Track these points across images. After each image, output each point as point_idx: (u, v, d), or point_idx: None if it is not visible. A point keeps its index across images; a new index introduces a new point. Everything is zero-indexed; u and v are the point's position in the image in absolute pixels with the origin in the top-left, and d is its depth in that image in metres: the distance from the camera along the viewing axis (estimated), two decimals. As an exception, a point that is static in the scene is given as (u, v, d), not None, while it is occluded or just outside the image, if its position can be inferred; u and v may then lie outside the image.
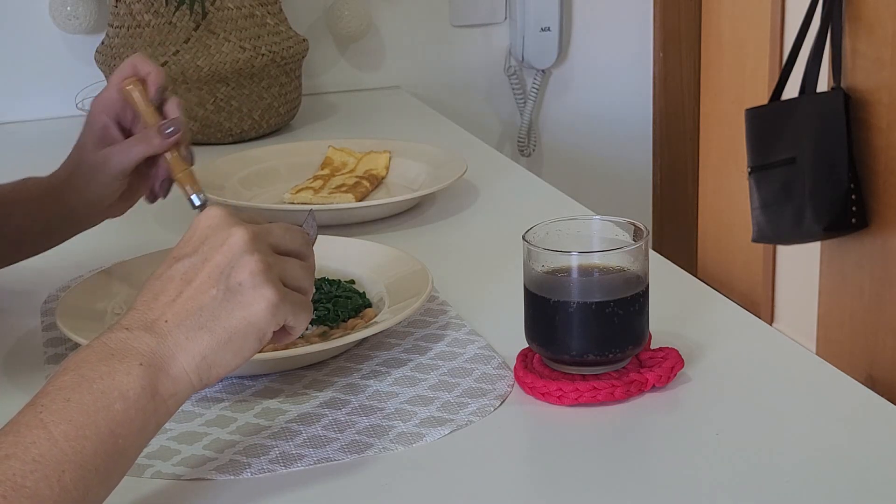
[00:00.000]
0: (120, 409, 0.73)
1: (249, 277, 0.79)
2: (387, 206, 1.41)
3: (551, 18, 2.23)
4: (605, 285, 0.95)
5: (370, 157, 1.53)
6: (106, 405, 0.73)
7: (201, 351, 0.77)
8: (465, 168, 1.48)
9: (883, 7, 1.90)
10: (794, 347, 1.06)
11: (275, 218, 1.37)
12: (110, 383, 0.73)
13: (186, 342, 0.77)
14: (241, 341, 0.79)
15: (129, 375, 0.74)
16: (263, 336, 0.80)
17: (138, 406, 0.74)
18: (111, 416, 0.73)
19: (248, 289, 0.79)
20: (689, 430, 0.93)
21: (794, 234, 2.00)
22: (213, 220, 0.82)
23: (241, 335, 0.78)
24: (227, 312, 0.78)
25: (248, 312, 0.78)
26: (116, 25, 1.81)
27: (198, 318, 0.78)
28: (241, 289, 0.79)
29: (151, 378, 0.75)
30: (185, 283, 0.79)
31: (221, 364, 0.78)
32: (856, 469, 0.86)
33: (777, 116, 2.01)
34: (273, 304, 0.79)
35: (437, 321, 1.12)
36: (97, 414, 0.72)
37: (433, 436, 0.92)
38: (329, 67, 2.18)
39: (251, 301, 0.79)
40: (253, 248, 0.80)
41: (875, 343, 2.00)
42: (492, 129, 2.29)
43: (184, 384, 0.77)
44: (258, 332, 0.79)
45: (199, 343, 0.77)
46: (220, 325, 0.78)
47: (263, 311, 0.79)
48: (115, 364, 0.75)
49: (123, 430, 0.73)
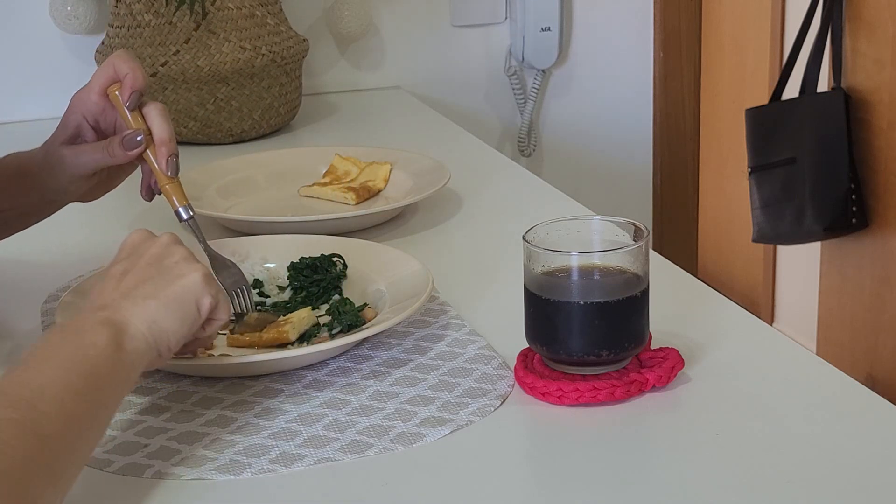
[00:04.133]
0: (93, 354, 0.83)
1: (181, 258, 0.93)
2: (368, 216, 1.40)
3: (551, 18, 2.23)
4: (605, 285, 0.95)
5: (372, 168, 1.53)
6: (83, 352, 0.83)
7: (151, 315, 0.88)
8: (449, 176, 1.46)
9: (883, 7, 1.90)
10: (794, 347, 1.06)
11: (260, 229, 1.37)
12: (81, 339, 0.84)
13: (136, 308, 0.88)
14: (182, 306, 0.90)
15: (95, 333, 0.84)
16: (200, 303, 0.91)
17: (108, 353, 0.84)
18: (89, 359, 0.82)
19: (182, 263, 0.92)
20: (689, 430, 0.93)
21: (794, 234, 2.00)
22: (140, 235, 0.96)
23: (181, 300, 0.90)
24: (167, 282, 0.90)
25: (186, 280, 0.91)
26: (116, 25, 1.81)
27: (142, 290, 0.89)
28: (176, 265, 0.92)
29: (115, 335, 0.85)
30: (125, 274, 0.92)
31: (171, 328, 0.89)
32: (856, 469, 0.86)
33: (777, 116, 2.01)
34: (205, 275, 0.92)
35: (438, 321, 1.12)
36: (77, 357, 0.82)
37: (433, 436, 0.92)
38: (329, 67, 2.18)
39: (186, 271, 0.92)
40: (179, 243, 0.95)
41: (875, 343, 2.00)
42: (492, 129, 2.29)
43: (142, 342, 0.87)
44: (196, 298, 0.91)
45: (148, 308, 0.88)
46: (163, 292, 0.90)
47: (199, 278, 0.91)
48: (80, 328, 0.85)
49: (101, 370, 0.82)
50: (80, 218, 1.34)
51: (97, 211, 1.27)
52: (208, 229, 1.40)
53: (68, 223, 1.31)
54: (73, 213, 1.20)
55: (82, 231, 1.42)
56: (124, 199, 1.28)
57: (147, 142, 1.08)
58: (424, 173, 1.50)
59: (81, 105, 1.11)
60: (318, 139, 1.86)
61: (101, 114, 1.11)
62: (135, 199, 1.17)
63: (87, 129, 1.12)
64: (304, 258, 1.19)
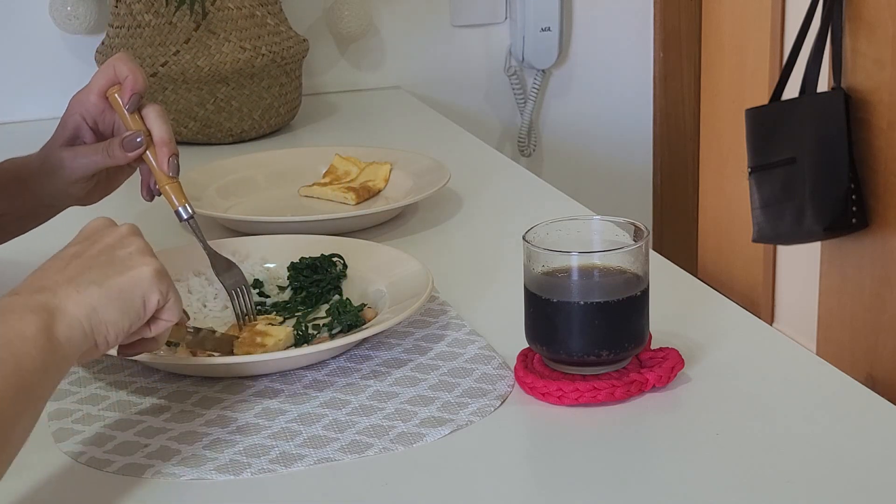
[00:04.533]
0: (20, 346, 0.78)
1: (136, 249, 0.88)
2: (368, 216, 1.40)
3: (551, 18, 2.23)
4: (605, 285, 0.95)
5: (372, 168, 1.53)
6: (7, 344, 0.77)
7: (91, 302, 0.83)
8: (449, 176, 1.46)
9: (883, 7, 1.90)
10: (794, 347, 1.06)
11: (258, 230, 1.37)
12: (7, 329, 0.78)
13: (76, 294, 0.83)
14: (127, 299, 0.85)
15: (23, 321, 0.79)
16: (147, 299, 0.87)
17: (37, 345, 0.78)
18: (13, 355, 0.77)
19: (136, 255, 0.88)
20: (689, 430, 0.93)
21: (794, 234, 2.00)
22: (101, 222, 0.92)
23: (127, 293, 0.85)
24: (115, 271, 0.86)
25: (136, 272, 0.86)
26: (116, 25, 1.81)
27: (87, 275, 0.84)
28: (129, 256, 0.87)
29: (45, 322, 0.80)
30: (75, 257, 0.87)
31: (109, 319, 0.84)
32: (856, 469, 0.86)
33: (777, 116, 2.00)
34: (157, 270, 0.87)
35: (438, 321, 1.12)
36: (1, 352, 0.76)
37: (433, 436, 0.92)
38: (329, 67, 2.18)
39: (138, 264, 0.87)
40: (140, 235, 0.90)
41: (875, 343, 2.00)
42: (492, 129, 2.29)
43: (77, 330, 0.82)
44: (143, 293, 0.86)
45: (89, 295, 0.83)
46: (108, 281, 0.85)
47: (149, 273, 0.87)
48: (7, 316, 0.79)
49: (26, 365, 0.77)
50: (79, 220, 1.34)
51: (97, 213, 1.27)
52: (208, 229, 1.40)
53: (67, 225, 1.30)
54: (72, 215, 1.20)
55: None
56: (124, 200, 1.28)
57: (147, 143, 1.08)
58: (424, 173, 1.50)
59: (80, 106, 1.11)
60: (318, 139, 1.86)
61: (100, 115, 1.11)
62: (135, 200, 1.17)
63: (86, 130, 1.12)
64: (304, 258, 1.19)
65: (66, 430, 0.95)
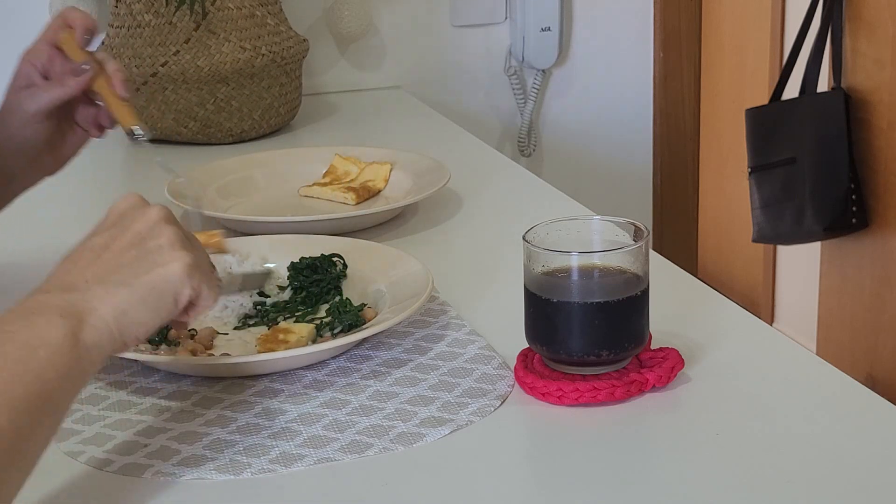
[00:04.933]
0: (44, 356, 0.75)
1: (167, 241, 0.84)
2: (368, 216, 1.40)
3: (551, 18, 2.23)
4: (605, 285, 0.95)
5: (372, 168, 1.52)
6: (30, 353, 0.75)
7: (120, 304, 0.81)
8: (449, 176, 1.46)
9: (883, 7, 1.90)
10: (794, 347, 1.06)
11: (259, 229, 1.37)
12: (32, 334, 0.76)
13: (106, 295, 0.80)
14: (157, 298, 0.83)
15: (50, 325, 0.77)
16: (178, 296, 0.84)
17: (61, 353, 0.76)
18: (37, 363, 0.75)
19: (167, 249, 0.84)
20: (689, 430, 0.93)
21: (794, 234, 2.00)
22: (130, 202, 0.87)
23: (158, 292, 0.83)
24: (144, 269, 0.82)
25: (166, 270, 0.83)
26: (116, 25, 1.81)
27: (117, 275, 0.82)
28: (160, 249, 0.84)
29: (72, 327, 0.78)
30: (104, 249, 0.83)
31: (139, 320, 0.82)
32: (856, 469, 0.86)
33: (777, 116, 2.00)
34: (189, 265, 0.84)
35: (438, 321, 1.12)
36: (23, 361, 0.74)
37: (433, 436, 0.92)
38: (329, 67, 2.18)
39: (168, 260, 0.83)
40: (171, 220, 0.86)
41: (875, 343, 2.00)
42: (492, 129, 2.29)
43: (105, 335, 0.80)
44: (174, 291, 0.83)
45: (118, 296, 0.81)
46: (139, 280, 0.82)
47: (180, 270, 0.83)
48: (35, 318, 0.77)
49: (49, 374, 0.75)
50: (75, 217, 1.34)
51: (94, 210, 1.27)
52: (208, 229, 1.39)
53: (64, 222, 1.31)
54: (69, 211, 1.20)
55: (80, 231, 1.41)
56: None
57: (96, 70, 1.12)
58: (424, 173, 1.50)
59: (31, 55, 1.15)
60: (318, 139, 1.86)
61: (49, 63, 1.15)
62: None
63: (37, 77, 1.15)
64: (304, 258, 1.19)
65: (66, 430, 0.94)
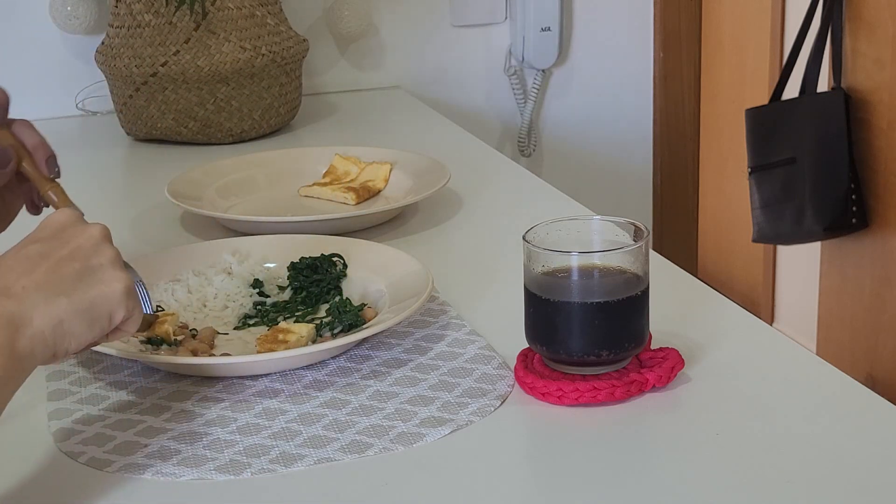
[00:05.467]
0: None
1: (109, 262, 0.85)
2: (368, 216, 1.39)
3: (551, 18, 2.23)
4: (605, 285, 0.95)
5: (372, 168, 1.53)
6: None
7: (59, 315, 0.81)
8: (449, 176, 1.46)
9: (883, 7, 1.90)
10: (794, 347, 1.06)
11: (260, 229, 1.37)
12: None
13: (45, 305, 0.80)
14: (95, 314, 0.83)
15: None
16: (113, 316, 0.84)
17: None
18: None
19: (108, 269, 0.85)
20: (689, 430, 0.93)
21: (794, 234, 2.00)
22: (70, 217, 0.88)
23: (96, 308, 0.83)
24: (86, 285, 0.83)
25: (107, 288, 0.84)
26: (116, 25, 1.81)
27: (57, 286, 0.82)
28: (102, 268, 0.84)
29: (8, 337, 0.78)
30: (42, 258, 0.83)
31: (75, 333, 0.82)
32: (856, 469, 0.86)
33: (777, 116, 2.01)
34: (128, 288, 0.85)
35: (438, 321, 1.12)
36: None
37: (433, 436, 0.92)
38: (329, 67, 2.18)
39: (110, 279, 0.84)
40: (110, 241, 0.87)
41: (875, 343, 2.00)
42: (492, 129, 2.29)
43: (40, 345, 0.80)
44: (110, 310, 0.84)
45: (57, 307, 0.81)
46: (79, 294, 0.82)
47: (120, 291, 0.84)
48: None
49: None
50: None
51: (95, 209, 1.27)
52: (208, 229, 1.40)
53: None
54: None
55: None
56: (126, 202, 1.28)
57: (19, 154, 1.03)
58: (424, 173, 1.50)
59: None
60: (318, 139, 1.86)
61: None
62: (133, 203, 1.17)
63: None
64: (304, 258, 1.19)
65: (66, 430, 0.94)
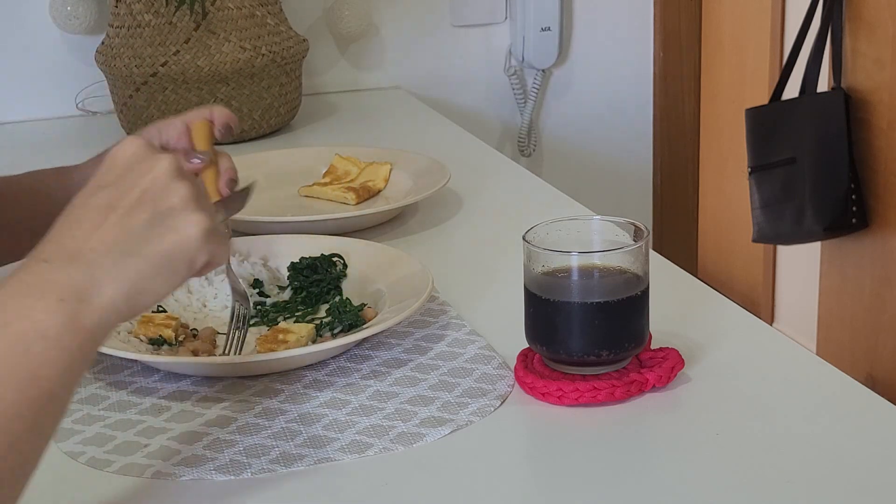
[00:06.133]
0: (39, 351, 0.68)
1: (180, 202, 0.76)
2: (368, 216, 1.39)
3: (551, 18, 2.23)
4: (605, 285, 0.95)
5: (372, 167, 1.53)
6: (24, 348, 0.68)
7: (131, 277, 0.73)
8: (449, 177, 1.46)
9: (883, 7, 1.90)
10: (794, 347, 1.06)
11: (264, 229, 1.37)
12: (27, 324, 0.68)
13: (115, 269, 0.73)
14: (171, 267, 0.75)
15: (48, 312, 0.69)
16: (193, 263, 0.77)
17: (61, 345, 0.69)
18: (31, 359, 0.68)
19: (180, 212, 0.76)
20: (689, 430, 0.93)
21: (794, 234, 2.00)
22: (136, 149, 0.78)
23: (172, 260, 0.75)
24: (157, 236, 0.75)
25: (181, 236, 0.76)
26: (116, 25, 1.81)
27: (126, 244, 0.74)
28: (172, 212, 0.76)
29: (74, 312, 0.70)
30: (110, 209, 0.75)
31: (151, 291, 0.75)
32: (856, 469, 0.86)
33: (777, 116, 2.01)
34: (205, 230, 0.76)
35: (438, 321, 1.12)
36: (15, 359, 0.67)
37: (433, 436, 0.92)
38: (329, 67, 2.18)
39: (183, 225, 0.76)
40: (182, 175, 0.78)
41: (875, 343, 2.00)
42: (492, 129, 2.29)
43: (112, 312, 0.73)
44: (189, 258, 0.76)
45: (129, 269, 0.73)
46: (151, 249, 0.75)
47: (196, 235, 0.76)
48: (33, 301, 0.70)
49: (46, 371, 0.68)
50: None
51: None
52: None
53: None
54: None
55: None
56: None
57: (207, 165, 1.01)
58: (424, 173, 1.50)
59: (163, 125, 1.06)
60: (318, 139, 1.86)
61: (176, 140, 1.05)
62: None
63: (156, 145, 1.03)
64: (304, 258, 1.19)
65: (66, 430, 0.94)
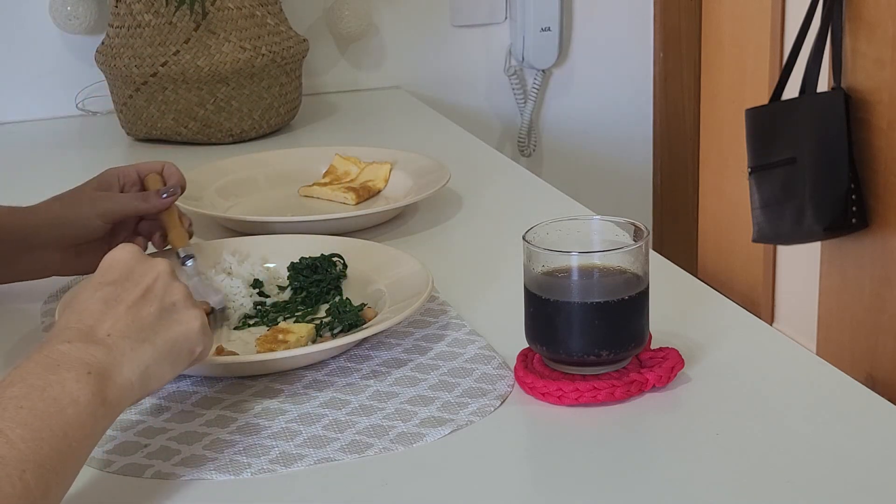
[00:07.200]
0: (72, 414, 0.77)
1: (181, 298, 0.89)
2: (368, 216, 1.40)
3: (551, 18, 2.23)
4: (605, 285, 0.95)
5: (372, 168, 1.53)
6: (59, 410, 0.77)
7: (145, 361, 0.84)
8: (449, 177, 1.46)
9: (883, 7, 1.90)
10: (794, 347, 1.06)
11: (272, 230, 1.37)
12: (61, 390, 0.78)
13: (132, 353, 0.83)
14: (177, 355, 0.87)
15: (79, 383, 0.79)
16: (193, 352, 0.88)
17: (89, 411, 0.78)
18: (64, 420, 0.77)
19: (182, 309, 0.88)
20: (689, 430, 0.93)
21: (794, 234, 2.00)
22: (133, 254, 0.90)
23: (177, 349, 0.87)
24: (165, 328, 0.86)
25: (185, 328, 0.88)
26: (116, 25, 1.81)
27: (141, 332, 0.85)
28: (176, 307, 0.88)
29: (100, 385, 0.80)
30: (118, 302, 0.86)
31: (160, 375, 0.86)
32: (856, 469, 0.86)
33: (777, 116, 2.01)
34: (203, 324, 0.89)
35: (438, 321, 1.12)
36: (51, 418, 0.76)
37: (433, 436, 0.92)
38: (329, 67, 2.18)
39: (186, 319, 0.88)
40: (176, 277, 0.90)
41: (875, 343, 2.00)
42: (492, 129, 2.29)
43: (129, 392, 0.83)
44: (191, 347, 0.88)
45: (143, 354, 0.84)
46: (161, 338, 0.86)
47: (197, 328, 0.88)
48: (64, 373, 0.79)
49: (75, 432, 0.77)
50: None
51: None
52: (208, 229, 1.40)
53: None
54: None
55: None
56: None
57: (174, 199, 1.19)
58: (424, 173, 1.50)
59: (119, 171, 1.21)
60: (318, 139, 1.86)
61: (131, 186, 1.20)
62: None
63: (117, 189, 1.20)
64: (304, 258, 1.19)
65: (66, 430, 0.94)
